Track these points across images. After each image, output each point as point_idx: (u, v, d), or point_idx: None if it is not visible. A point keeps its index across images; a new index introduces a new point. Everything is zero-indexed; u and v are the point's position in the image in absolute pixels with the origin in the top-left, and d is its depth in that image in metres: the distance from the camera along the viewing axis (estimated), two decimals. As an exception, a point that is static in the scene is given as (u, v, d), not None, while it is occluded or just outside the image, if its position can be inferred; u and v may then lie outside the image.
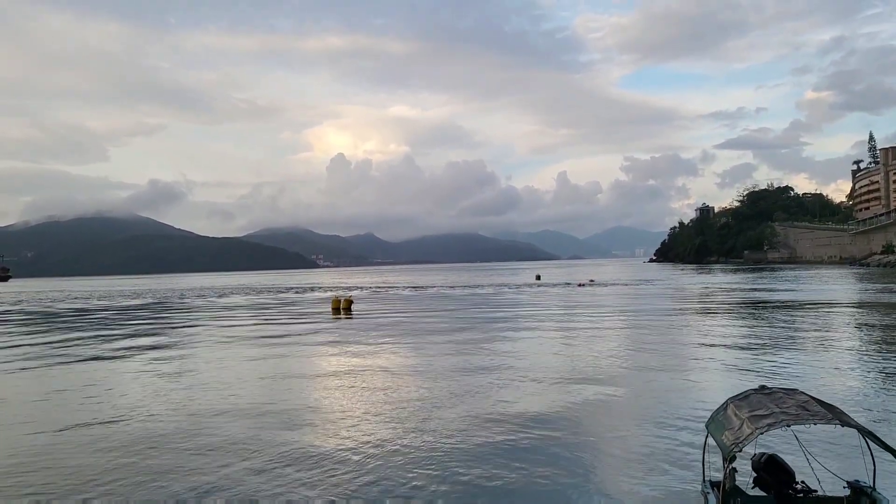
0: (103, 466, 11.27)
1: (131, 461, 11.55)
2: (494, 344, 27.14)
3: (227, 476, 10.57)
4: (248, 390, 18.47)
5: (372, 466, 10.87)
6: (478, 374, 19.69)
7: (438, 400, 16.01)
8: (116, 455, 11.95)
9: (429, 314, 46.10)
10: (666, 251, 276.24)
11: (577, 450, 11.51)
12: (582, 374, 19.18)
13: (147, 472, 10.86)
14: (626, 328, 32.44)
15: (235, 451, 12.00)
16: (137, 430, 13.93)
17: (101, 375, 22.03)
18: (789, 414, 6.40)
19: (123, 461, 11.57)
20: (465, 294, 72.68)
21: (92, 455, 12.02)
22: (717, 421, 7.18)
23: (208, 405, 16.24)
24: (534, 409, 14.73)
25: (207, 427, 13.89)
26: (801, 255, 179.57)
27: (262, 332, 36.22)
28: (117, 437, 13.24)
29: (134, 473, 10.85)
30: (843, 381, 16.83)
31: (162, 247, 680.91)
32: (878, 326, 29.69)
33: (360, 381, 19.24)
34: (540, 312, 43.82)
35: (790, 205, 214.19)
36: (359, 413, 14.99)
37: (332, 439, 12.73)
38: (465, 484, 9.92)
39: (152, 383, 19.96)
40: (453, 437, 12.55)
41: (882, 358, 20.55)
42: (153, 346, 30.44)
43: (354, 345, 28.44)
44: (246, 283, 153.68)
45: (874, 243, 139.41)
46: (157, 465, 11.30)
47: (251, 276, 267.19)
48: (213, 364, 23.71)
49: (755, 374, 18.17)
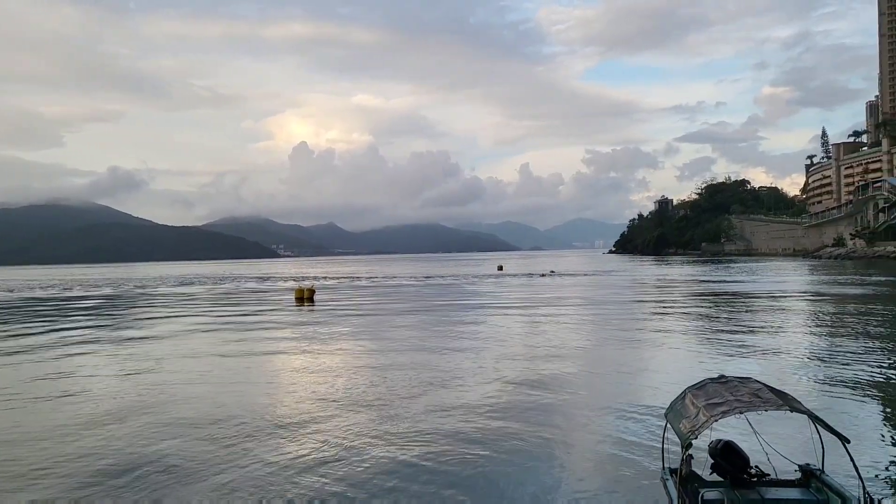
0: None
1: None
2: (456, 332, 27.26)
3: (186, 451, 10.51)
4: (208, 379, 18.25)
5: (332, 457, 10.90)
6: (440, 362, 19.77)
7: (401, 388, 16.02)
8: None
9: (391, 304, 46.07)
10: (625, 243, 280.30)
11: (540, 438, 11.65)
12: (543, 362, 19.39)
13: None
14: (585, 315, 32.81)
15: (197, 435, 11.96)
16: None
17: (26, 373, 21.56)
18: (743, 401, 6.60)
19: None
20: (427, 284, 72.74)
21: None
22: (676, 410, 7.37)
23: (161, 397, 16.05)
24: (494, 398, 14.86)
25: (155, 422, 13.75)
26: (756, 248, 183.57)
27: (224, 322, 35.74)
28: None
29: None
30: (795, 370, 17.32)
31: (119, 236, 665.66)
32: (826, 315, 30.62)
33: (321, 369, 19.19)
34: (502, 302, 44.08)
35: (747, 198, 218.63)
36: (317, 399, 14.95)
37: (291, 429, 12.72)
38: (428, 471, 10.03)
39: (93, 381, 19.10)
40: (415, 424, 12.63)
41: (832, 349, 21.17)
42: (94, 339, 29.89)
43: (316, 333, 28.28)
44: (206, 272, 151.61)
45: (826, 236, 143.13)
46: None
47: (211, 265, 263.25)
48: (167, 356, 23.33)
49: (714, 363, 18.59)
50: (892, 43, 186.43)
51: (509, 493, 9.23)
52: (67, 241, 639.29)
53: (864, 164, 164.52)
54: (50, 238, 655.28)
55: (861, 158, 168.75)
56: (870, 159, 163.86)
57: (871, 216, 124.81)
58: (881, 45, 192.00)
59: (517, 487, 9.38)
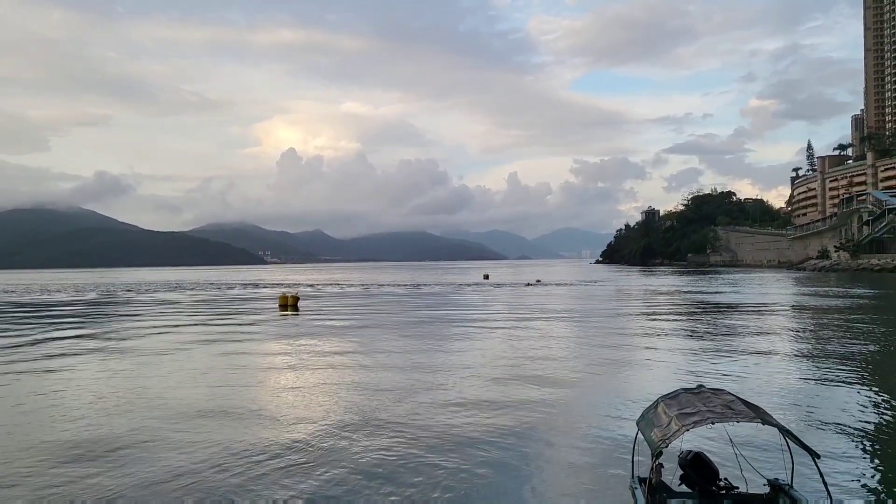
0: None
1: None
2: (441, 341, 27.23)
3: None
4: (189, 389, 18.04)
5: (317, 459, 10.77)
6: (424, 368, 19.71)
7: (386, 395, 15.90)
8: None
9: (376, 311, 45.93)
10: (612, 253, 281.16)
11: (520, 445, 11.62)
12: (526, 369, 19.31)
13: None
14: (570, 325, 32.80)
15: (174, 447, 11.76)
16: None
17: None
18: (715, 412, 6.56)
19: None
20: (413, 292, 72.61)
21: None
22: (647, 418, 7.31)
23: (141, 406, 15.85)
24: (478, 405, 14.76)
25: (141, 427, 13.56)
26: (741, 259, 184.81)
27: (207, 329, 35.41)
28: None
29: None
30: (775, 380, 17.33)
31: (104, 241, 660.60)
32: (809, 328, 30.78)
33: (304, 377, 19.04)
34: (487, 311, 44.05)
35: (732, 210, 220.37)
36: (300, 408, 14.81)
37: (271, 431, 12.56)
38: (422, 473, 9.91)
39: (69, 392, 18.95)
40: (400, 431, 12.52)
41: (811, 362, 21.23)
42: (76, 351, 29.57)
43: (300, 340, 28.09)
44: (191, 278, 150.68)
45: (810, 248, 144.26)
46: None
47: (196, 271, 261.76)
48: (150, 364, 23.10)
49: (694, 374, 18.58)
50: (878, 58, 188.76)
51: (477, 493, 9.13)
52: (52, 246, 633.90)
53: (849, 177, 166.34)
54: (35, 242, 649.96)
55: (846, 171, 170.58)
56: (854, 172, 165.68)
57: (855, 229, 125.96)
58: (866, 59, 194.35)
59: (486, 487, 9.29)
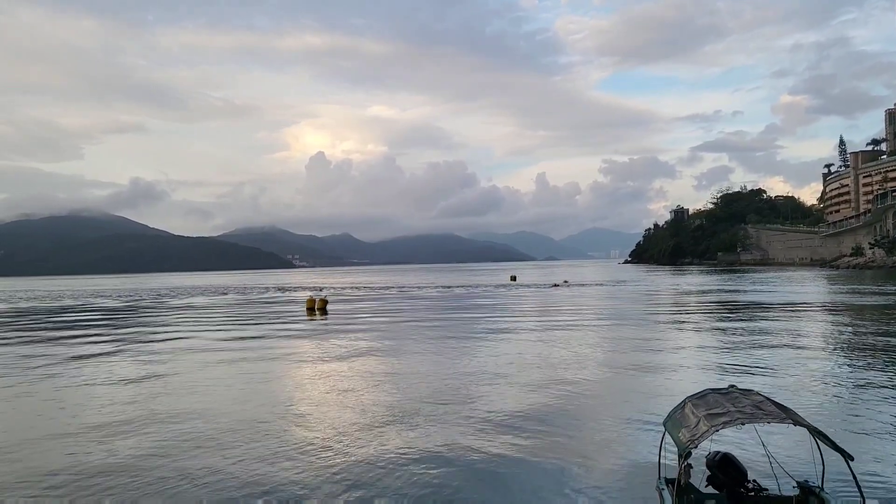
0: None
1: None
2: (470, 342, 27.21)
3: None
4: (221, 393, 18.26)
5: (352, 466, 10.84)
6: (456, 373, 19.73)
7: (418, 400, 15.96)
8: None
9: (404, 314, 46.02)
10: (641, 253, 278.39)
11: (549, 442, 11.65)
12: (557, 373, 19.23)
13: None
14: (599, 328, 32.56)
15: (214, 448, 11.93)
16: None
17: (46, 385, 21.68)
18: (744, 413, 6.47)
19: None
20: (440, 294, 72.71)
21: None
22: (675, 419, 7.24)
23: (171, 409, 16.07)
24: (510, 408, 14.78)
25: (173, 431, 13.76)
26: (773, 257, 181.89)
27: (237, 332, 35.81)
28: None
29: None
30: (812, 383, 17.05)
31: (135, 247, 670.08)
32: (846, 328, 30.21)
33: (334, 382, 19.13)
34: (515, 314, 43.94)
35: (763, 207, 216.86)
36: (333, 413, 14.91)
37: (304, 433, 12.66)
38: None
39: (109, 392, 19.11)
40: (431, 440, 12.56)
41: (848, 362, 20.86)
42: (111, 351, 30.01)
43: (329, 344, 28.27)
44: (220, 283, 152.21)
45: (844, 246, 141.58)
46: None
47: (225, 276, 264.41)
48: (182, 367, 23.43)
49: (726, 373, 18.36)
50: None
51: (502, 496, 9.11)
52: (84, 252, 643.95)
53: (883, 172, 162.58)
54: (67, 249, 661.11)
55: (880, 167, 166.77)
56: (889, 168, 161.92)
57: (890, 225, 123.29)
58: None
59: (522, 483, 9.29)
